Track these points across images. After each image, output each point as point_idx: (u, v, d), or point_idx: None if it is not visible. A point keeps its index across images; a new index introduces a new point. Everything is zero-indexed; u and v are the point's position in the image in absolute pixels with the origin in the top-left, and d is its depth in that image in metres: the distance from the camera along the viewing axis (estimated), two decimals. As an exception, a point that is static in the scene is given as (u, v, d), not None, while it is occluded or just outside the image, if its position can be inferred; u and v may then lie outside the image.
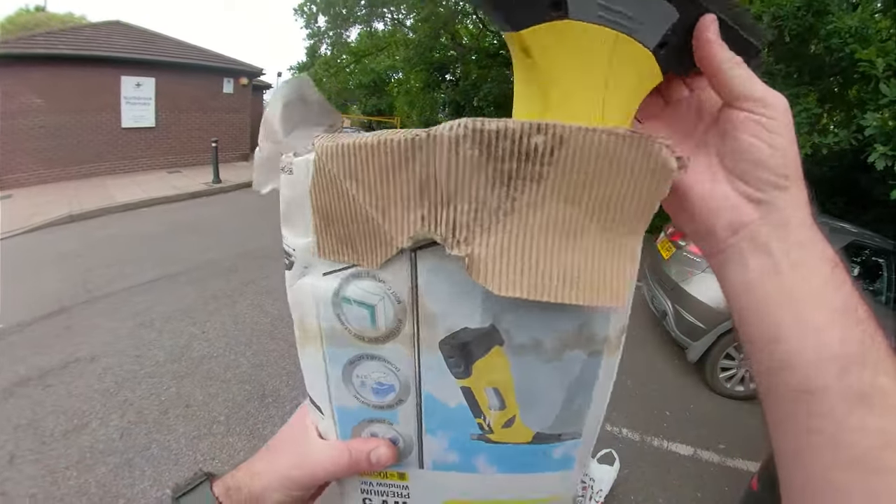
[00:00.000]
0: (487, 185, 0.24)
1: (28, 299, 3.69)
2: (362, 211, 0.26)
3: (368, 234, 0.26)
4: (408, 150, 0.23)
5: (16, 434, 2.27)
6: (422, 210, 0.25)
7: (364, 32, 16.81)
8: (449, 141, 0.23)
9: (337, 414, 0.33)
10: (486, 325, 0.28)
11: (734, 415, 3.09)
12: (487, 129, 0.22)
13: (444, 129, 0.23)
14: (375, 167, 0.24)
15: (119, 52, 9.09)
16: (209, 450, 2.27)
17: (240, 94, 11.44)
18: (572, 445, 0.33)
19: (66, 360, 2.89)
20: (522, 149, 0.23)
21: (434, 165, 0.23)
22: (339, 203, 0.26)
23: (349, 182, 0.25)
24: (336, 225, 0.27)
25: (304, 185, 0.27)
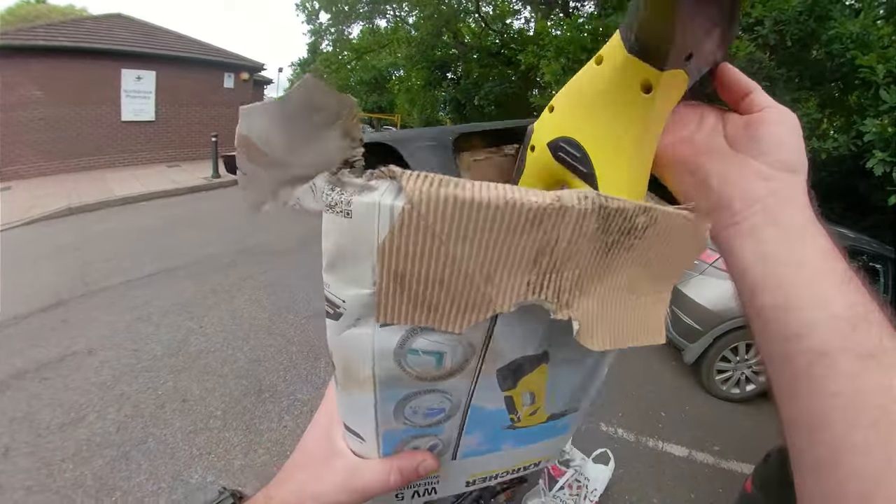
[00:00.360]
0: (593, 255, 0.26)
1: (25, 292, 3.69)
2: (458, 274, 0.23)
3: (458, 297, 0.24)
4: (536, 217, 0.23)
5: (11, 427, 2.27)
6: (530, 276, 0.24)
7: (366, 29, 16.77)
8: (578, 214, 0.23)
9: (382, 439, 0.32)
10: (540, 352, 0.31)
11: (729, 417, 3.10)
12: (610, 207, 0.24)
13: (574, 201, 0.23)
14: (496, 229, 0.23)
15: (120, 45, 9.07)
16: (206, 444, 2.28)
17: (240, 89, 11.41)
18: (572, 417, 0.40)
19: (63, 354, 2.89)
20: (628, 225, 0.26)
21: (556, 234, 0.24)
22: (425, 263, 0.23)
23: (456, 242, 0.23)
24: (413, 287, 0.24)
25: (368, 235, 0.22)
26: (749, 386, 3.30)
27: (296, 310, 3.72)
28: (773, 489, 1.63)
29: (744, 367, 3.26)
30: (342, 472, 0.32)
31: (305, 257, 4.95)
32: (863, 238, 3.42)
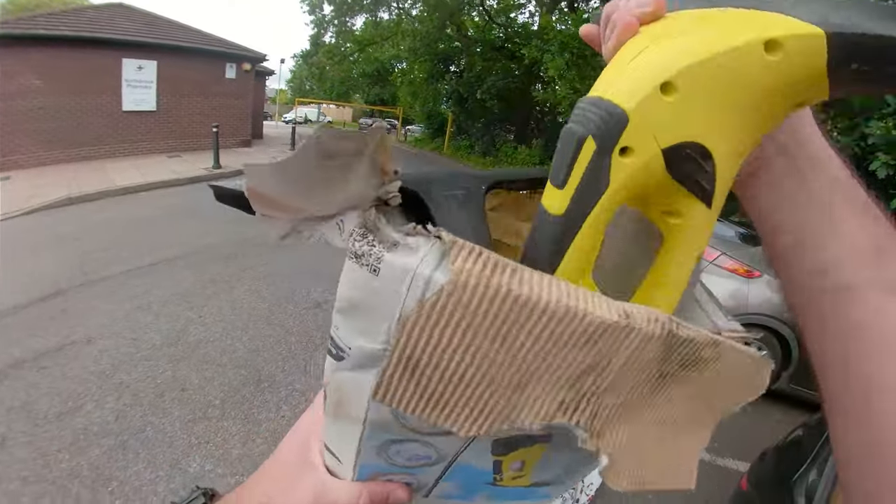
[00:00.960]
0: (643, 383, 0.23)
1: (24, 282, 3.68)
2: (484, 377, 0.21)
3: (476, 402, 0.21)
4: (596, 332, 0.20)
5: (8, 416, 2.27)
6: (566, 394, 0.22)
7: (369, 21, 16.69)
8: (643, 337, 0.20)
9: (359, 467, 0.31)
10: (545, 433, 0.29)
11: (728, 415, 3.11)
12: (679, 336, 0.22)
13: (643, 322, 0.20)
14: (545, 338, 0.19)
15: (121, 34, 9.02)
16: (204, 433, 2.29)
17: (242, 80, 11.36)
18: (557, 487, 0.38)
19: (61, 343, 2.89)
20: (692, 358, 0.23)
21: (612, 355, 0.21)
22: (447, 355, 0.20)
23: (492, 342, 0.19)
24: (426, 378, 0.21)
25: (392, 301, 0.20)
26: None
27: (295, 300, 3.72)
28: (767, 488, 1.63)
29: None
30: (312, 487, 0.32)
31: (306, 249, 4.94)
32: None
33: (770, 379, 0.38)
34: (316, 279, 4.15)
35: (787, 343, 3.12)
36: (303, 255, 4.75)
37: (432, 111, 18.97)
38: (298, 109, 28.37)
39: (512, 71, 13.55)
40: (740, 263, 3.22)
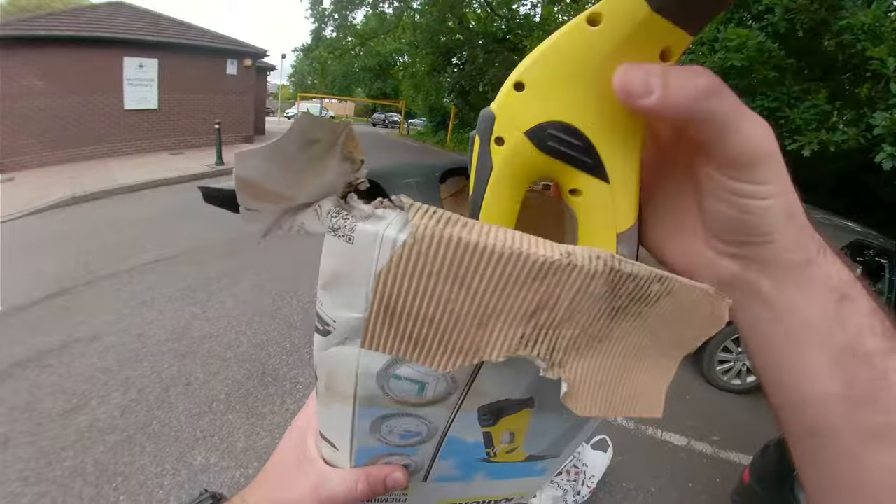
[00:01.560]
0: (597, 317, 0.25)
1: (29, 281, 3.71)
2: (450, 316, 0.23)
3: (447, 339, 0.24)
4: (541, 271, 0.22)
5: (11, 416, 2.28)
6: (525, 329, 0.24)
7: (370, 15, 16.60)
8: (586, 274, 0.22)
9: (356, 452, 0.32)
10: (526, 397, 0.31)
11: (729, 408, 3.11)
12: (623, 272, 0.23)
13: (585, 261, 0.22)
14: (496, 277, 0.22)
15: (121, 33, 9.02)
16: (209, 427, 2.31)
17: (243, 76, 11.34)
18: (551, 462, 0.40)
19: (66, 341, 2.92)
20: (640, 293, 0.25)
21: (560, 291, 0.23)
22: (417, 300, 0.23)
23: (452, 284, 0.22)
24: (403, 321, 0.24)
25: (366, 263, 0.22)
26: (750, 377, 3.30)
27: (298, 295, 3.74)
28: (770, 481, 1.63)
29: (745, 357, 3.26)
30: (311, 479, 0.33)
31: (308, 242, 4.91)
32: (870, 232, 3.38)
33: None
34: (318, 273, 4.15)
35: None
36: (305, 250, 4.75)
37: (435, 104, 18.89)
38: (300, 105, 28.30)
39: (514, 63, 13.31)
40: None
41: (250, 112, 11.81)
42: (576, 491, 1.99)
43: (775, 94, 4.62)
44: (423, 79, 18.14)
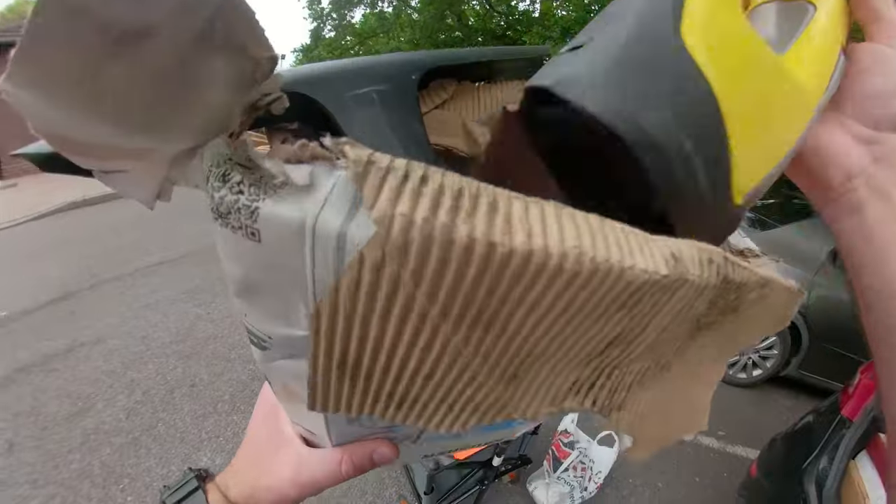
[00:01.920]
0: (679, 339, 0.18)
1: (33, 286, 3.73)
2: (460, 373, 0.15)
3: (453, 399, 0.16)
4: (637, 292, 0.13)
5: (16, 421, 2.29)
6: (580, 373, 0.16)
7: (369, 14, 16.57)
8: (696, 290, 0.15)
9: (334, 435, 0.27)
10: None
11: (735, 402, 3.09)
12: (733, 281, 0.16)
13: (695, 269, 0.14)
14: (556, 310, 0.13)
15: (121, 34, 9.04)
16: (214, 427, 2.31)
17: (243, 78, 11.37)
18: None
19: (70, 345, 2.93)
20: (737, 303, 0.18)
21: (653, 318, 0.15)
22: (401, 349, 0.14)
23: (472, 327, 0.13)
24: (374, 378, 0.15)
25: (293, 273, 0.13)
26: (756, 371, 3.28)
27: (301, 297, 3.74)
28: (778, 475, 1.62)
29: (750, 351, 3.24)
30: (289, 463, 0.30)
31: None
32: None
33: (780, 366, 0.36)
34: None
35: (797, 329, 3.09)
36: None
37: (435, 103, 18.87)
38: (301, 105, 28.29)
39: (514, 60, 13.41)
40: (748, 248, 3.18)
41: (251, 113, 11.82)
42: (583, 487, 1.98)
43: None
44: (422, 77, 18.10)
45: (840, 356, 3.01)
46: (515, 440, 1.85)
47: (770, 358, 3.24)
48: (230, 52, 0.12)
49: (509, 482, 2.11)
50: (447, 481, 1.75)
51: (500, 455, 1.70)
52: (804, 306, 3.05)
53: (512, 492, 2.08)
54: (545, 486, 1.99)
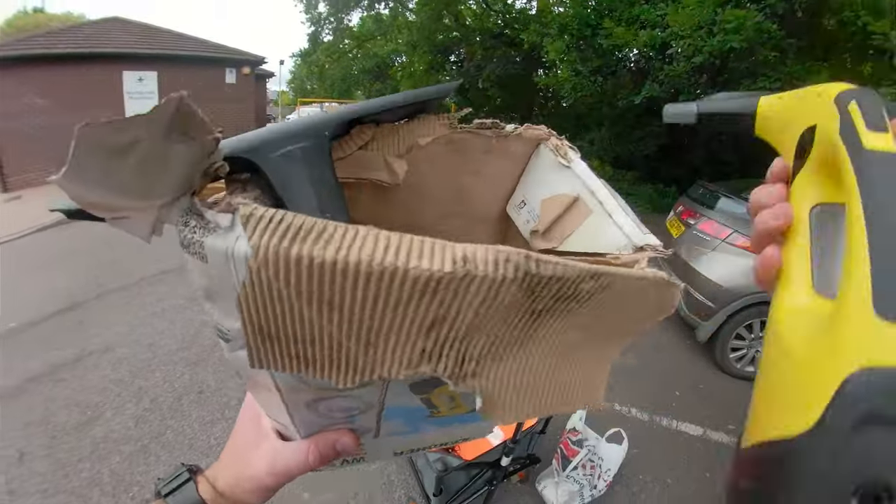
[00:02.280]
0: (514, 323, 0.22)
1: (40, 297, 3.75)
2: (330, 339, 0.20)
3: (337, 358, 0.21)
4: (427, 287, 0.18)
5: (27, 431, 2.30)
6: (425, 344, 0.21)
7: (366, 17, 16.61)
8: (491, 283, 0.19)
9: (300, 426, 0.32)
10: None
11: (745, 396, 3.05)
12: (542, 276, 0.20)
13: (485, 267, 0.19)
14: (371, 299, 0.19)
15: (119, 47, 9.09)
16: (222, 433, 2.32)
17: (243, 84, 11.40)
18: None
19: (79, 354, 2.95)
20: (568, 293, 0.22)
21: (458, 306, 0.19)
22: (289, 324, 0.20)
23: (320, 308, 0.19)
24: (283, 343, 0.21)
25: (228, 282, 0.20)
26: (764, 362, 3.26)
27: (306, 302, 3.75)
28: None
29: (758, 344, 3.21)
30: (266, 455, 0.34)
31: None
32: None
33: None
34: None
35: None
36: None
37: (435, 104, 18.87)
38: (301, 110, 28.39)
39: (512, 57, 13.38)
40: (753, 240, 3.16)
41: (252, 119, 11.85)
42: (592, 485, 1.97)
43: (776, 75, 4.56)
44: (421, 78, 18.06)
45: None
46: (523, 440, 1.84)
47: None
48: (186, 141, 0.19)
49: (518, 482, 2.11)
50: (456, 482, 1.75)
51: (509, 455, 1.69)
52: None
53: (521, 491, 2.08)
54: (554, 484, 1.99)
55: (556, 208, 0.37)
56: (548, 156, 0.39)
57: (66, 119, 5.13)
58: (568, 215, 0.37)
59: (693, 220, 3.57)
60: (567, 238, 0.37)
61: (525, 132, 0.39)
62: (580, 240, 0.35)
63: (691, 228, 3.54)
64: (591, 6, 7.30)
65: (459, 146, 0.38)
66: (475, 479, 1.77)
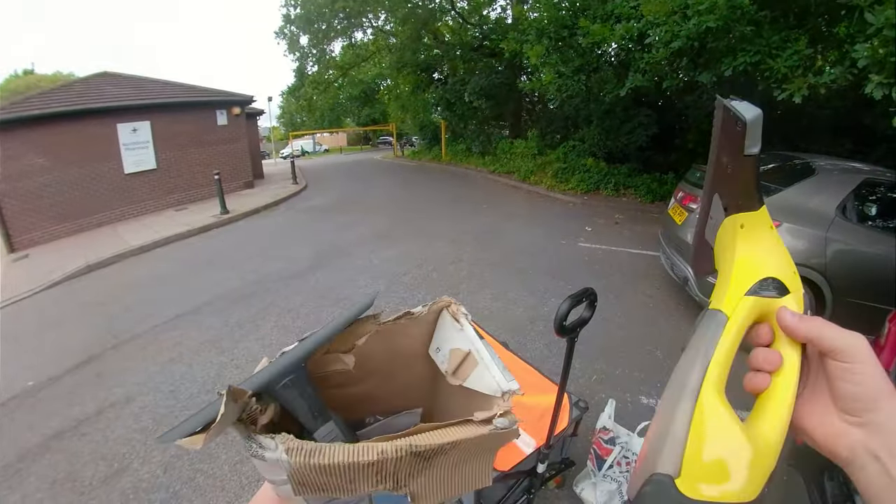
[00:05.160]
0: (419, 463, 0.39)
1: (56, 353, 3.77)
2: (336, 484, 0.37)
3: (340, 488, 0.37)
4: (368, 467, 0.36)
5: (53, 490, 2.28)
6: (375, 479, 0.37)
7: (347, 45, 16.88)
8: (394, 460, 0.37)
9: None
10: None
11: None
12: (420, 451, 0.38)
13: (392, 453, 0.36)
14: (343, 473, 0.36)
15: (111, 101, 9.27)
16: (252, 472, 2.30)
17: (234, 124, 11.56)
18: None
19: (100, 407, 2.94)
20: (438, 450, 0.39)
21: (386, 469, 0.37)
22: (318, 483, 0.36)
23: (329, 477, 0.36)
24: (313, 489, 0.37)
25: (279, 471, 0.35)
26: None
27: (320, 329, 3.74)
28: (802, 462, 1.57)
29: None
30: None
31: (320, 276, 4.98)
32: (877, 169, 3.31)
33: None
34: (336, 304, 4.17)
35: (819, 289, 3.03)
36: (318, 283, 4.78)
37: (424, 121, 19.04)
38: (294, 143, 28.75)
39: (494, 67, 13.56)
40: (758, 216, 3.14)
41: (246, 158, 12.00)
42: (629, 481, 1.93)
43: (755, 48, 4.59)
44: (408, 98, 18.32)
45: (866, 308, 2.94)
46: (556, 444, 1.82)
47: None
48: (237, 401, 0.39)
49: (555, 487, 2.07)
50: (495, 494, 1.72)
51: (544, 461, 1.67)
52: (822, 264, 3.00)
53: (560, 496, 2.04)
54: (592, 486, 1.95)
55: (458, 357, 0.56)
56: (448, 318, 0.59)
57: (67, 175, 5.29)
58: (466, 363, 0.55)
59: (695, 205, 3.57)
60: (467, 378, 0.54)
61: (432, 307, 0.59)
62: (474, 381, 0.52)
63: (694, 213, 3.53)
64: (566, 7, 7.40)
65: (385, 333, 0.58)
66: (513, 489, 1.74)
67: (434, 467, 0.41)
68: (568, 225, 6.87)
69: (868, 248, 2.97)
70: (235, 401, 0.38)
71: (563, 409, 1.71)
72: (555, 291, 4.29)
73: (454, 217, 7.57)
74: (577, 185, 9.23)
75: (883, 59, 3.28)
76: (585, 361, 3.00)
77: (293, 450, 0.35)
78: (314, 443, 0.36)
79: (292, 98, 18.83)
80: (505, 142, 13.41)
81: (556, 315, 1.20)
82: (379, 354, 0.63)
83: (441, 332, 0.63)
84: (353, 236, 6.62)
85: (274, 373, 0.47)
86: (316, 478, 0.36)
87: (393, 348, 0.63)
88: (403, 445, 0.37)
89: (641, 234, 6.20)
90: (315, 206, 9.43)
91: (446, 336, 0.61)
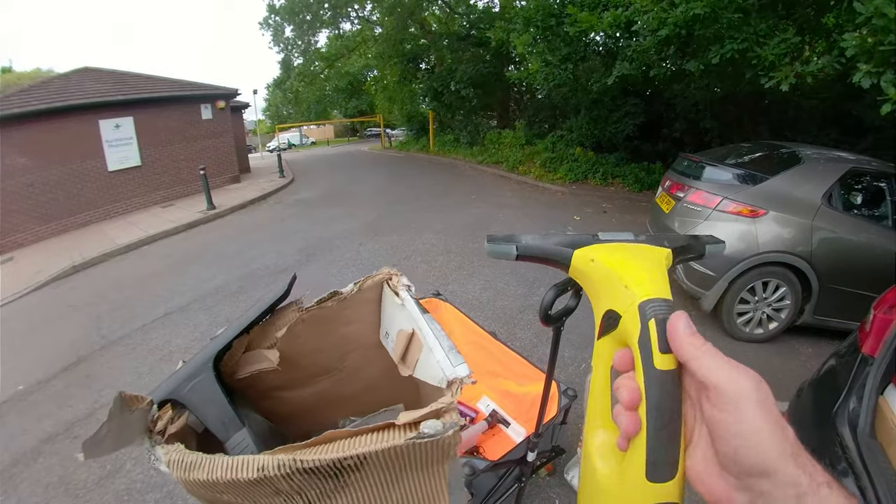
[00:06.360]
0: (325, 486, 0.37)
1: (45, 355, 3.73)
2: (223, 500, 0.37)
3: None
4: (250, 483, 0.35)
5: (47, 493, 2.28)
6: (279, 499, 0.36)
7: (332, 36, 16.65)
8: (277, 476, 0.35)
9: None
10: None
11: (757, 357, 3.09)
12: (307, 466, 0.35)
13: (274, 470, 0.34)
14: (223, 490, 0.35)
15: (92, 97, 9.07)
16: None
17: (219, 118, 11.39)
18: None
19: (91, 409, 2.93)
20: (338, 468, 0.36)
21: (276, 486, 0.36)
22: (208, 497, 0.37)
23: (213, 492, 0.36)
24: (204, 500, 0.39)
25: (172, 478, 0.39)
26: (772, 324, 3.28)
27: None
28: (810, 423, 1.62)
29: (763, 305, 3.24)
30: None
31: (309, 270, 4.96)
32: (863, 158, 3.36)
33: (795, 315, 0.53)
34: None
35: (805, 276, 3.09)
36: (307, 277, 4.76)
37: (411, 112, 18.90)
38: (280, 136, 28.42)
39: (482, 57, 13.46)
40: (743, 204, 3.18)
41: (232, 152, 11.84)
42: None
43: (742, 36, 4.61)
44: (395, 89, 18.14)
45: (852, 295, 3.01)
46: (546, 433, 1.84)
47: (783, 309, 3.24)
48: (135, 414, 0.41)
49: (546, 475, 2.11)
50: (485, 484, 1.74)
51: (534, 450, 1.69)
52: (808, 252, 3.06)
53: (551, 484, 2.08)
54: (583, 472, 1.99)
55: (404, 340, 0.49)
56: (389, 294, 0.51)
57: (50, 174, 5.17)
58: (412, 346, 0.49)
59: (682, 193, 3.60)
60: (416, 366, 0.48)
61: (364, 283, 0.52)
62: (422, 369, 0.47)
63: (681, 202, 3.56)
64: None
65: (316, 321, 0.53)
66: (504, 478, 1.77)
67: (354, 489, 0.37)
68: (556, 214, 6.90)
69: (853, 237, 3.03)
70: (129, 408, 0.38)
71: (551, 397, 1.73)
72: (544, 281, 4.32)
73: (442, 208, 7.56)
74: (566, 174, 9.24)
75: (871, 48, 3.30)
76: (574, 350, 3.04)
77: (174, 462, 0.35)
78: (198, 455, 0.35)
79: (278, 90, 18.59)
80: (493, 132, 13.38)
81: (540, 304, 1.21)
82: (319, 347, 0.55)
83: (387, 312, 0.54)
84: (341, 229, 6.59)
85: (181, 377, 0.46)
86: (208, 494, 0.35)
87: (336, 339, 0.55)
88: (286, 461, 0.33)
89: (630, 223, 6.25)
90: (302, 199, 9.36)
91: (392, 316, 0.52)
